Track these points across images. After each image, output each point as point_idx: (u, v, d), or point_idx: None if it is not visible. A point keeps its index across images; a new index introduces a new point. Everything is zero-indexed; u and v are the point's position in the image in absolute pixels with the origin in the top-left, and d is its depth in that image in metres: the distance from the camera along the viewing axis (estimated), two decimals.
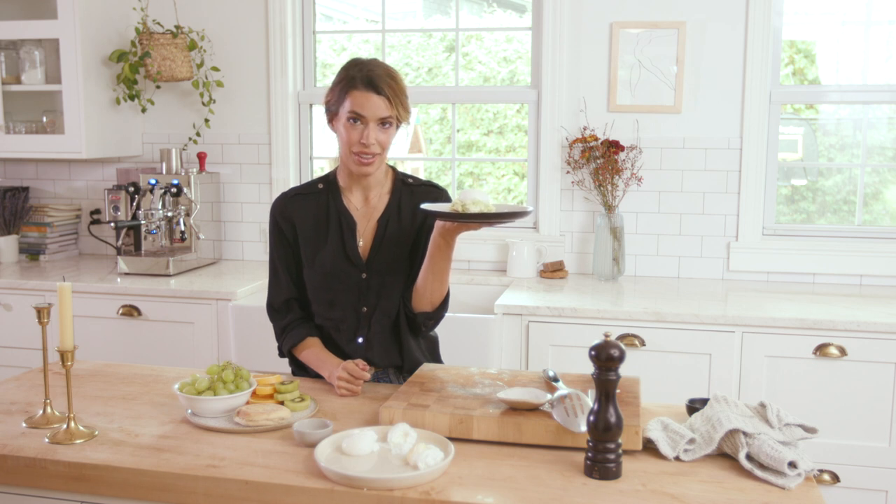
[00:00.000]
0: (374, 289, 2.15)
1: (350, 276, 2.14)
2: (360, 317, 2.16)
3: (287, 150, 3.70)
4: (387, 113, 2.04)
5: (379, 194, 2.19)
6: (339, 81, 2.07)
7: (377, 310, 2.16)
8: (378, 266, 2.14)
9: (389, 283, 2.15)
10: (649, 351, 2.81)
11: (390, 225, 2.16)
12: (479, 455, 1.64)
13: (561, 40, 3.39)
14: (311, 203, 2.19)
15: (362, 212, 2.19)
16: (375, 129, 2.04)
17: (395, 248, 2.15)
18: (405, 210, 2.17)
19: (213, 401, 1.81)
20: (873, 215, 3.41)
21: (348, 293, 2.15)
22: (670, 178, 3.38)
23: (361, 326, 2.17)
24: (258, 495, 1.53)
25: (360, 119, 2.04)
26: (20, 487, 1.69)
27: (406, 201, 2.18)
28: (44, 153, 3.60)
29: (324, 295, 2.17)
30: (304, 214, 2.19)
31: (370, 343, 2.16)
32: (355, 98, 2.03)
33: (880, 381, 2.69)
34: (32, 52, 3.56)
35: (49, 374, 1.86)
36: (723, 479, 1.54)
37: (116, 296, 3.18)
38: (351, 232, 2.16)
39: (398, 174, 2.24)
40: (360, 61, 2.09)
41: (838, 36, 3.38)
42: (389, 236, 2.15)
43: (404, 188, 2.20)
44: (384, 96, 2.02)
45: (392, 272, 2.15)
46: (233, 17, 3.68)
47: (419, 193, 2.19)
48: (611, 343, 1.53)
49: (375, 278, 2.14)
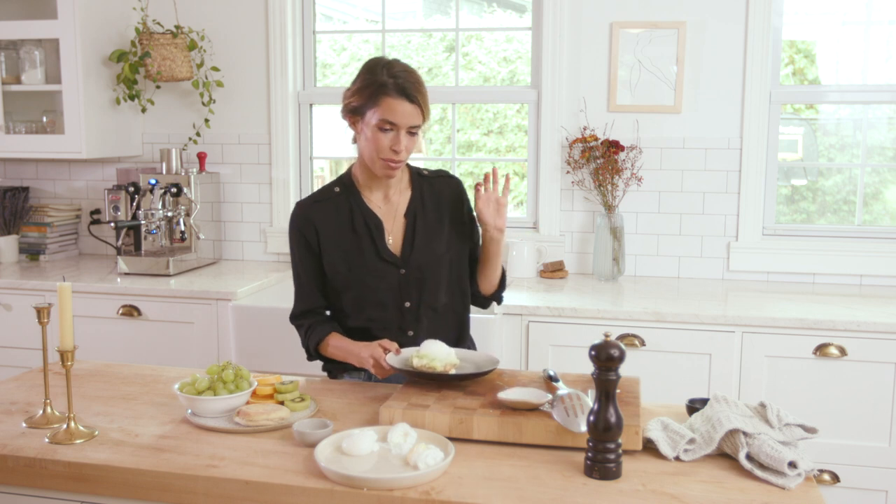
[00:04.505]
0: (414, 283, 2.15)
1: (388, 275, 2.14)
2: (403, 312, 2.16)
3: (287, 150, 3.70)
4: (418, 121, 2.04)
5: (399, 190, 2.20)
6: (369, 85, 2.04)
7: (421, 303, 2.16)
8: (414, 260, 2.15)
9: (428, 275, 2.16)
10: (649, 351, 2.81)
11: (419, 218, 2.18)
12: (479, 455, 1.64)
13: (561, 40, 3.39)
14: (331, 208, 2.19)
15: (385, 209, 2.19)
16: (406, 136, 2.05)
17: (427, 240, 2.17)
18: (429, 202, 2.20)
19: (213, 401, 1.81)
20: (873, 215, 3.41)
21: (389, 291, 2.15)
22: (670, 178, 3.38)
23: (408, 321, 2.17)
24: (258, 495, 1.53)
25: (393, 127, 2.03)
26: (20, 487, 1.69)
27: (428, 194, 2.21)
28: (44, 153, 3.60)
29: (365, 297, 2.15)
30: (326, 220, 2.17)
31: (419, 336, 2.15)
32: (388, 106, 2.01)
33: (880, 381, 2.69)
34: (32, 52, 3.56)
35: (49, 374, 1.87)
36: (723, 479, 1.54)
37: (116, 296, 3.18)
38: (379, 231, 2.16)
39: (412, 168, 2.25)
40: (387, 64, 2.06)
41: (838, 36, 3.38)
42: (420, 229, 2.17)
43: (422, 181, 2.23)
44: (417, 105, 2.02)
45: (429, 264, 2.16)
46: (233, 17, 3.68)
47: (438, 185, 2.23)
48: (611, 343, 1.53)
49: (414, 273, 2.15)
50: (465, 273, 2.26)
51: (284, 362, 2.97)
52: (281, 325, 3.00)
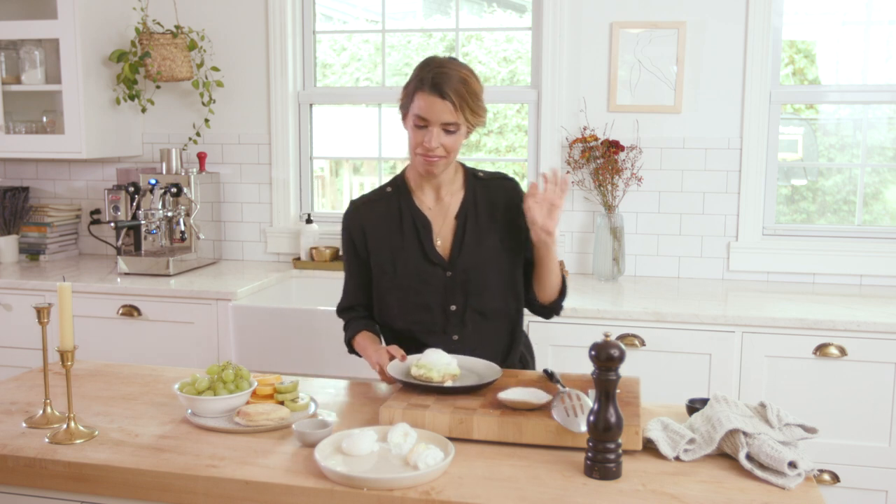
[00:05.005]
0: (460, 286, 2.12)
1: (434, 276, 2.12)
2: (448, 315, 2.13)
3: (287, 150, 3.70)
4: (451, 119, 2.00)
5: (451, 191, 2.17)
6: (411, 82, 2.05)
7: (467, 307, 2.12)
8: (462, 263, 2.12)
9: (475, 278, 2.12)
10: (649, 351, 2.81)
11: (469, 221, 2.14)
12: (479, 455, 1.64)
13: (561, 40, 3.39)
14: (382, 208, 2.17)
15: (436, 210, 2.17)
16: (439, 133, 2.02)
17: (476, 243, 2.13)
18: (482, 205, 2.16)
19: (213, 401, 1.81)
20: (873, 215, 3.41)
21: (434, 294, 2.12)
22: (670, 178, 3.38)
23: (453, 325, 2.13)
24: (258, 495, 1.53)
25: (426, 123, 2.01)
26: (20, 487, 1.69)
27: (481, 196, 2.17)
28: (44, 153, 3.60)
29: (410, 298, 2.13)
30: (374, 220, 2.16)
31: (465, 341, 2.13)
32: (421, 101, 2.00)
33: (880, 381, 2.69)
34: (32, 52, 3.56)
35: (49, 374, 1.86)
36: (723, 479, 1.54)
37: (116, 296, 3.18)
38: (427, 232, 2.14)
39: (468, 170, 2.22)
40: (434, 61, 2.05)
41: (838, 36, 3.38)
42: (470, 232, 2.13)
43: (477, 182, 2.19)
44: (449, 101, 1.98)
45: (476, 268, 2.12)
46: (233, 17, 3.68)
47: (493, 187, 2.18)
48: (611, 343, 1.53)
49: (460, 275, 2.12)
50: (520, 278, 2.19)
51: (284, 362, 2.98)
52: (281, 325, 3.00)
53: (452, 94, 1.98)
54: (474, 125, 2.07)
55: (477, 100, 2.04)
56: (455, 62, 2.05)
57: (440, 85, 1.98)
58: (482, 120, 2.08)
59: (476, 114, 2.04)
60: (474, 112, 2.03)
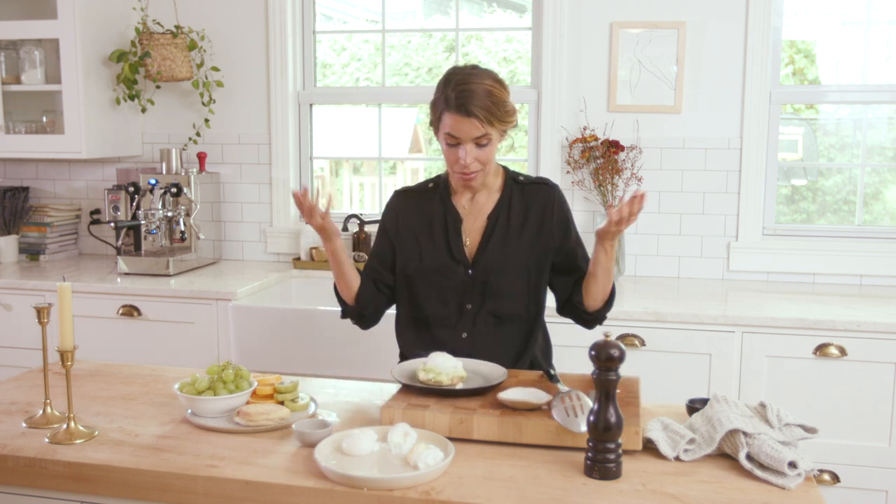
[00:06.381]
0: (479, 286, 2.13)
1: (455, 273, 2.14)
2: (463, 313, 2.15)
3: (287, 150, 3.69)
4: (480, 133, 2.01)
5: (488, 193, 2.19)
6: (436, 100, 2.06)
7: (482, 308, 2.14)
8: (484, 263, 2.13)
9: (495, 280, 2.13)
10: (649, 351, 2.81)
11: (500, 223, 2.15)
12: (479, 455, 1.64)
13: (561, 40, 3.39)
14: (421, 200, 2.21)
15: (469, 209, 2.19)
16: (472, 148, 2.03)
17: (502, 246, 2.14)
18: (515, 209, 2.16)
19: (213, 401, 1.81)
20: (873, 215, 3.41)
21: (453, 290, 2.14)
22: (670, 178, 3.38)
23: (465, 323, 2.15)
24: (258, 495, 1.53)
25: (457, 141, 2.03)
26: (20, 487, 1.69)
27: (517, 200, 2.17)
28: (44, 153, 3.60)
29: (430, 291, 2.16)
30: (411, 210, 2.21)
31: (474, 340, 2.14)
32: (449, 119, 2.01)
33: (880, 381, 2.69)
34: (32, 52, 3.56)
35: (49, 374, 1.86)
36: (723, 479, 1.54)
37: (116, 296, 3.18)
38: (456, 229, 2.16)
39: (509, 173, 2.22)
40: (456, 76, 2.03)
41: (838, 36, 3.38)
42: (498, 234, 2.14)
43: (515, 186, 2.19)
44: (475, 118, 1.99)
45: (498, 270, 2.13)
46: (233, 17, 3.68)
47: (531, 192, 2.18)
48: (611, 343, 1.53)
49: (480, 276, 2.13)
50: (544, 284, 2.19)
51: (284, 362, 2.98)
52: (281, 325, 3.00)
53: (478, 111, 1.98)
54: (506, 130, 2.08)
55: (504, 106, 2.03)
56: (477, 72, 2.04)
57: (465, 104, 1.98)
58: (513, 121, 2.08)
59: (505, 121, 2.05)
60: (503, 120, 2.04)
